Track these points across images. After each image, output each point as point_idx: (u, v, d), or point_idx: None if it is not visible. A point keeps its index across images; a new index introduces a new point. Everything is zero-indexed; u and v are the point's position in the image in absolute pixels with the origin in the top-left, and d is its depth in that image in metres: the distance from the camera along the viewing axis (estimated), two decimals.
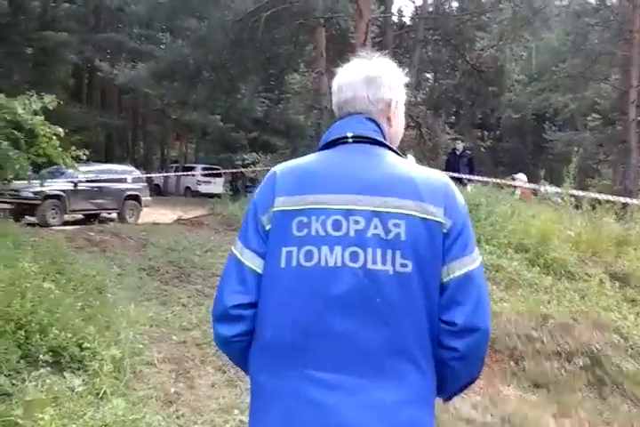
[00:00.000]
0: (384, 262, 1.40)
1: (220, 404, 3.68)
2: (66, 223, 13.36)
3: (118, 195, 15.27)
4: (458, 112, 34.79)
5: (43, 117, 5.90)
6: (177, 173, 27.19)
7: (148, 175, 20.41)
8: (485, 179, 11.00)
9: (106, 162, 20.75)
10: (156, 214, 14.96)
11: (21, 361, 3.56)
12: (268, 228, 1.49)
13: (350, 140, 1.56)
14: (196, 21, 19.58)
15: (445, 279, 1.44)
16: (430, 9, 25.78)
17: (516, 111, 31.75)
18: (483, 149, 30.36)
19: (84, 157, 6.41)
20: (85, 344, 3.81)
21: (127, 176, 16.03)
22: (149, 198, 16.60)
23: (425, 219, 1.43)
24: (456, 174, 10.73)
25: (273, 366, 1.44)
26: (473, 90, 28.39)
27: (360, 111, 1.59)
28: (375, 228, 1.41)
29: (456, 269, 1.44)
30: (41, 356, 3.57)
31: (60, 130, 5.98)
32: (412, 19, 26.31)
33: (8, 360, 3.44)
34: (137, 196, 15.80)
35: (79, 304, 4.48)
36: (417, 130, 24.09)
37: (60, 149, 6.01)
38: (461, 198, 1.52)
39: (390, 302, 1.39)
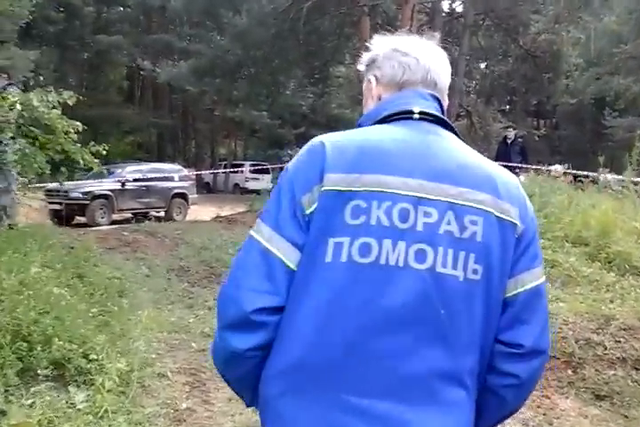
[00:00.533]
0: (454, 266, 1.16)
1: (235, 421, 3.32)
2: (114, 222, 13.44)
3: (165, 193, 15.49)
4: (511, 100, 33.77)
5: (60, 111, 5.67)
6: (224, 171, 27.30)
7: (196, 173, 20.53)
8: (524, 165, 10.49)
9: (158, 161, 20.99)
10: (204, 211, 14.99)
11: (21, 375, 3.28)
12: (309, 211, 1.17)
13: (416, 115, 1.29)
14: (237, 15, 19.44)
15: (512, 293, 1.23)
16: None
17: (573, 97, 30.39)
18: (537, 138, 29.18)
19: (105, 153, 6.12)
20: (92, 356, 3.51)
21: (174, 175, 16.17)
22: (196, 196, 16.67)
23: (500, 218, 1.21)
24: (507, 163, 10.21)
25: (300, 390, 1.15)
26: (527, 76, 27.26)
27: (423, 83, 1.33)
28: (448, 223, 1.17)
29: (527, 283, 1.24)
30: (40, 370, 3.29)
31: (78, 124, 5.73)
32: (462, 3, 25.28)
33: (5, 375, 3.17)
34: (184, 194, 16.04)
35: (94, 310, 4.24)
36: (468, 119, 23.38)
37: (78, 144, 5.78)
38: (530, 203, 1.31)
39: (454, 315, 1.17)
